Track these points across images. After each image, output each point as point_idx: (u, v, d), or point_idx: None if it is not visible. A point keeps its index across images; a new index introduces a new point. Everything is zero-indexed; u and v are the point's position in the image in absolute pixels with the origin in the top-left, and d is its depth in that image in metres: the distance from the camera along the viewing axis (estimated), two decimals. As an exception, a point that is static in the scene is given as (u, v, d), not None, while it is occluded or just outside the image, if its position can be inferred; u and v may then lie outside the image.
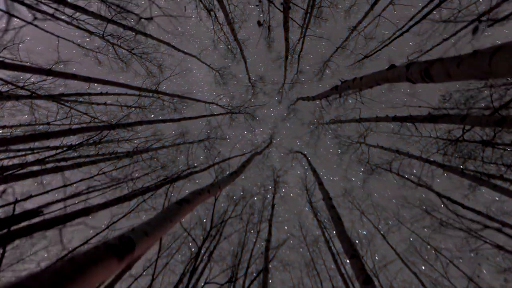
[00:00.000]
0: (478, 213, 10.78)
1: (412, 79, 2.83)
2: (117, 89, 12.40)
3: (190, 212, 3.24)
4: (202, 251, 11.90)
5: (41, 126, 12.37)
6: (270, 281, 13.55)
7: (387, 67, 3.57)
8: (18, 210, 11.10)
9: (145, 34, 11.74)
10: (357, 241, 15.24)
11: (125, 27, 10.86)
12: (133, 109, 14.33)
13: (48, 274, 1.18)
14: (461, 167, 10.02)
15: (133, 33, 11.72)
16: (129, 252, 1.74)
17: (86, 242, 11.88)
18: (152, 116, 15.15)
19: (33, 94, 9.82)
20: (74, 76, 8.79)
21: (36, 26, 10.70)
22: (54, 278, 1.17)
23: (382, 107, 12.92)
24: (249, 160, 8.39)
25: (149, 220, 2.31)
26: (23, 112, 12.76)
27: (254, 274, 11.81)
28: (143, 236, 1.97)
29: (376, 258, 14.58)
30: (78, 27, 11.31)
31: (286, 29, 10.66)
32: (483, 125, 5.38)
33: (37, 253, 12.88)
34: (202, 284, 7.62)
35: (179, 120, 13.03)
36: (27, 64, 7.41)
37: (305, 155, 17.62)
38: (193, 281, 10.61)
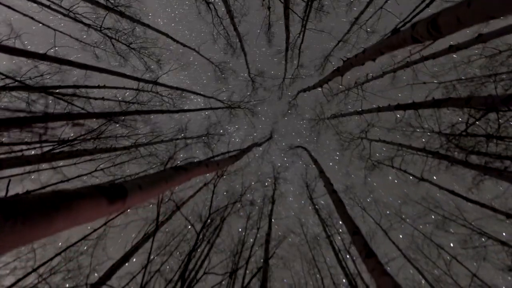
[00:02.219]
0: (483, 205, 10.56)
1: (418, 37, 2.66)
2: (115, 79, 12.20)
3: (186, 181, 3.11)
4: (203, 245, 11.75)
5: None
6: (270, 275, 13.37)
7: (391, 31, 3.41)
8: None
9: (143, 24, 11.58)
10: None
11: (123, 14, 10.68)
12: (131, 104, 14.17)
13: (34, 198, 1.17)
14: (465, 158, 9.80)
15: (132, 22, 11.55)
16: (120, 198, 1.69)
17: (83, 239, 11.79)
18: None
19: (28, 85, 9.62)
20: (69, 62, 8.63)
21: (32, 18, 10.60)
22: (39, 202, 1.16)
23: (384, 100, 12.78)
24: (249, 148, 8.28)
25: (143, 176, 2.23)
26: (19, 107, 12.59)
27: (254, 265, 11.66)
28: (136, 188, 1.90)
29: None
30: (75, 19, 11.17)
31: (287, 16, 10.50)
32: (489, 104, 5.19)
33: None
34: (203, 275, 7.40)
35: (177, 111, 12.86)
36: (22, 48, 7.23)
37: (305, 148, 17.45)
38: (193, 273, 10.44)
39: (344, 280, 12.44)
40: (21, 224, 1.04)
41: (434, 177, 12.68)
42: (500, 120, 9.10)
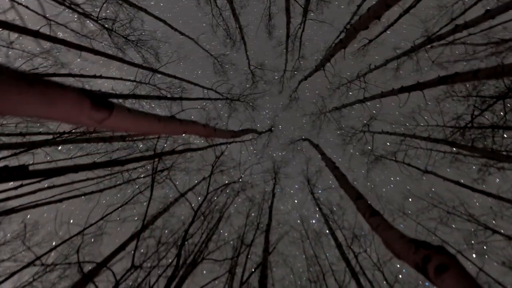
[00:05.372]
0: (489, 194, 10.29)
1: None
2: (112, 65, 11.99)
3: (180, 133, 2.90)
4: (203, 236, 11.57)
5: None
6: (269, 272, 13.15)
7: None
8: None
9: (140, 8, 11.40)
10: (362, 233, 14.72)
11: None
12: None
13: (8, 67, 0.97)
14: (471, 144, 9.53)
15: (129, 6, 11.36)
16: (106, 107, 1.49)
17: (80, 232, 11.52)
18: (148, 106, 14.86)
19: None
20: (63, 42, 8.38)
21: (26, 7, 10.38)
22: (8, 68, 0.96)
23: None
24: (248, 130, 8.05)
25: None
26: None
27: (254, 263, 11.47)
28: (124, 109, 1.69)
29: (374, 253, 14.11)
30: (70, 8, 10.96)
31: (287, -2, 10.23)
32: (499, 76, 4.88)
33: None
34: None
35: (175, 99, 12.62)
36: (14, 23, 7.00)
37: (307, 139, 17.21)
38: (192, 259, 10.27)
39: (346, 276, 12.13)
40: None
41: (438, 171, 12.53)
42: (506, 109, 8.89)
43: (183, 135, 3.03)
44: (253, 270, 9.79)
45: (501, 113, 9.35)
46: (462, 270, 1.50)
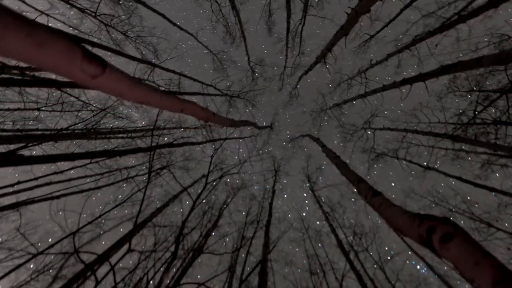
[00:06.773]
0: (491, 189, 10.15)
1: None
2: (110, 61, 11.90)
3: (178, 111, 2.79)
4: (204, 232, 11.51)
5: (31, 112, 12.00)
6: (269, 270, 13.05)
7: None
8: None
9: (139, 1, 11.29)
10: (365, 231, 14.59)
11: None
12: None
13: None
14: (474, 137, 9.39)
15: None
16: (98, 62, 1.35)
17: (78, 231, 11.42)
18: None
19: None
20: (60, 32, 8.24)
21: (24, 2, 10.27)
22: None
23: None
24: (248, 122, 7.94)
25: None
26: (12, 99, 12.31)
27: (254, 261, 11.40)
28: (118, 70, 1.55)
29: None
30: (67, 3, 10.84)
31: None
32: (503, 62, 4.74)
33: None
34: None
35: (174, 93, 12.50)
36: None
37: (307, 135, 17.11)
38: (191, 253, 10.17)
39: (346, 274, 12.01)
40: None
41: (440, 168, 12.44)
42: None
43: (181, 113, 2.89)
44: (253, 267, 9.71)
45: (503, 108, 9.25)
46: (467, 238, 1.40)
